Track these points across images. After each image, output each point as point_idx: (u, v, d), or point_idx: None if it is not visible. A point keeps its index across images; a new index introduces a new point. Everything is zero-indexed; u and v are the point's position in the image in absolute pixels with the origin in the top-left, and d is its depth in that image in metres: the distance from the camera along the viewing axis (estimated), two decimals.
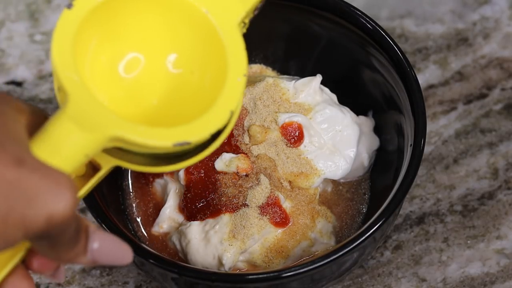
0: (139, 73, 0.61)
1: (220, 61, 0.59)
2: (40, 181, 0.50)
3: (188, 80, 0.61)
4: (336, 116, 0.75)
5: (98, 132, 0.55)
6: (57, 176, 0.51)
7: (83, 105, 0.56)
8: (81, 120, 0.55)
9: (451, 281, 0.79)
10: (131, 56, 0.61)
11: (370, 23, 0.73)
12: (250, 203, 0.72)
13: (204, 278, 0.66)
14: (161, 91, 0.61)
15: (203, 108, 0.58)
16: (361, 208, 0.77)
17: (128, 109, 0.60)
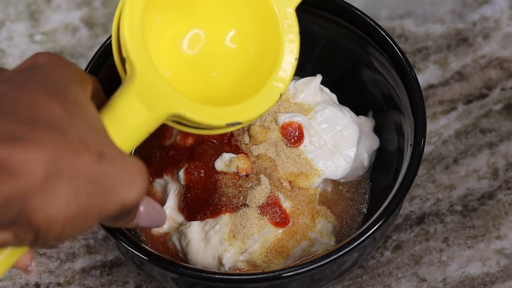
0: (200, 48, 0.62)
1: (275, 42, 0.61)
2: (117, 173, 0.53)
3: (243, 56, 0.62)
4: (336, 116, 0.75)
5: (162, 110, 0.57)
6: (132, 165, 0.53)
7: (149, 81, 0.57)
8: (146, 97, 0.56)
9: (451, 281, 0.79)
10: (193, 32, 0.62)
11: (370, 23, 0.73)
12: (250, 203, 0.72)
13: (204, 278, 0.66)
14: (218, 66, 0.62)
15: (255, 86, 0.60)
16: (361, 208, 0.77)
17: (188, 84, 0.61)
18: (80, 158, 0.51)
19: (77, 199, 0.51)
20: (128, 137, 0.57)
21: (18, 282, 0.81)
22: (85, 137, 0.52)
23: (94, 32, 0.93)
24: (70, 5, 0.95)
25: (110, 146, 0.53)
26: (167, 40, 0.61)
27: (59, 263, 0.81)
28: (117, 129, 0.56)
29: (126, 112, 0.57)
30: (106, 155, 0.52)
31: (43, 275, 0.81)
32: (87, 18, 0.94)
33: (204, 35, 0.62)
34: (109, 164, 0.52)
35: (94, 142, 0.52)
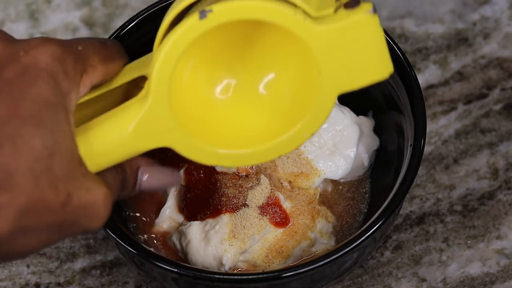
0: (231, 94, 0.62)
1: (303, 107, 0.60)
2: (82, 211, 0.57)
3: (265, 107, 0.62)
4: (336, 116, 0.75)
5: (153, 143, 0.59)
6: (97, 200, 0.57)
7: (156, 111, 0.58)
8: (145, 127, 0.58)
9: (451, 281, 0.79)
10: (225, 82, 0.62)
11: None
12: (250, 203, 0.72)
13: (204, 278, 0.65)
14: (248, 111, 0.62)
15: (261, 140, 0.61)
16: (362, 207, 0.77)
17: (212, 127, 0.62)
18: (48, 205, 0.55)
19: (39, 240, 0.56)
20: (105, 159, 0.59)
21: (18, 282, 0.81)
22: (55, 181, 0.55)
23: (94, 32, 0.93)
24: (70, 5, 0.95)
25: (77, 184, 0.56)
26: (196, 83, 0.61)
27: (59, 263, 0.81)
28: (99, 149, 0.58)
29: (113, 139, 0.59)
30: (73, 196, 0.56)
31: (43, 275, 0.81)
32: (87, 18, 0.94)
33: (237, 82, 0.62)
34: (75, 203, 0.56)
35: (63, 184, 0.55)
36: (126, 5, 0.95)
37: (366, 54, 0.58)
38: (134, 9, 0.94)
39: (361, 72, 0.59)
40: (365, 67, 0.59)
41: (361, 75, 0.59)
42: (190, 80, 0.61)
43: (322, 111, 0.60)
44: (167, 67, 0.57)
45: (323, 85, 0.59)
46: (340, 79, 0.59)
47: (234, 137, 0.62)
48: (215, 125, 0.62)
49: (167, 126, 0.59)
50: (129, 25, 0.74)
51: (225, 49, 0.61)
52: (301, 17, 0.56)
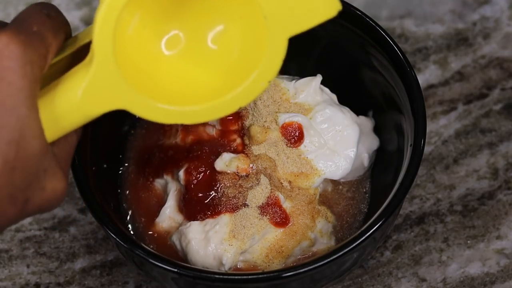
0: (180, 49, 0.61)
1: (255, 56, 0.60)
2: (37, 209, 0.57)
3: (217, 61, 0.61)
4: (336, 116, 0.75)
5: (106, 106, 0.58)
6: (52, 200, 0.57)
7: (104, 72, 0.57)
8: (95, 88, 0.57)
9: (451, 281, 0.79)
10: (172, 34, 0.61)
11: (370, 23, 0.73)
12: (250, 203, 0.72)
13: (204, 278, 0.66)
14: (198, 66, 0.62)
15: (217, 93, 0.60)
16: (362, 207, 0.77)
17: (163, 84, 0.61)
18: (5, 216, 0.55)
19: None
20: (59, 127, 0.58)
21: (18, 282, 0.81)
22: (15, 193, 0.54)
23: None
24: (70, 5, 0.95)
25: (36, 186, 0.56)
26: (144, 38, 0.61)
27: (59, 263, 0.81)
28: (51, 119, 0.57)
29: (64, 106, 0.58)
30: (29, 200, 0.56)
31: (43, 275, 0.81)
32: (87, 18, 0.94)
33: (184, 36, 0.62)
34: (31, 206, 0.56)
35: (21, 193, 0.55)
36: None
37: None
38: None
39: (307, 12, 0.58)
40: (310, 5, 0.58)
41: (308, 15, 0.58)
42: (137, 36, 0.60)
43: (275, 57, 0.59)
44: (106, 28, 0.56)
45: (271, 30, 0.58)
46: (287, 21, 0.58)
47: (189, 94, 0.61)
48: (168, 82, 0.61)
49: (116, 87, 0.58)
50: None
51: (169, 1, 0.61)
52: None
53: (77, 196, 0.84)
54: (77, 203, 0.84)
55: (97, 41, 0.57)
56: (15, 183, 0.54)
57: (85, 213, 0.84)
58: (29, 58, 0.54)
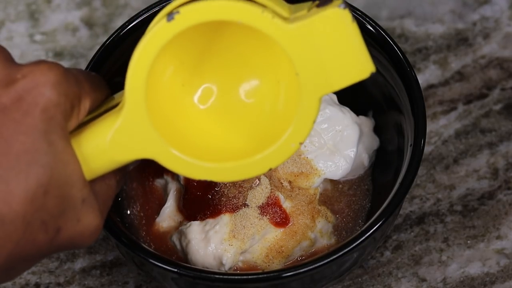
0: (212, 102, 0.62)
1: (287, 115, 0.59)
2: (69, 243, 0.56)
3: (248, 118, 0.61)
4: (336, 116, 0.75)
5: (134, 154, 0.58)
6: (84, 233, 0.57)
7: (133, 119, 0.57)
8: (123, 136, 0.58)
9: (451, 281, 0.79)
10: (205, 86, 0.61)
11: (370, 23, 0.73)
12: (250, 203, 0.72)
13: (204, 278, 0.66)
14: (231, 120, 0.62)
15: (247, 153, 0.59)
16: (364, 203, 0.77)
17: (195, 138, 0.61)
18: (36, 244, 0.54)
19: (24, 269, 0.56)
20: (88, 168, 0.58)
21: (18, 282, 0.81)
22: (47, 219, 0.54)
23: (94, 32, 0.93)
24: (70, 5, 0.95)
25: (70, 216, 0.55)
26: (177, 90, 0.61)
27: (59, 263, 0.81)
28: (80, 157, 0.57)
29: (94, 145, 0.58)
30: (62, 229, 0.55)
31: (43, 275, 0.81)
32: (87, 18, 0.94)
33: (217, 89, 0.62)
34: (63, 236, 0.55)
35: (54, 220, 0.54)
36: (126, 5, 0.95)
37: (342, 52, 0.57)
38: (134, 9, 0.94)
39: (340, 71, 0.57)
40: (343, 66, 0.57)
41: (341, 75, 0.58)
42: (169, 87, 0.60)
43: (307, 117, 0.58)
44: (139, 75, 0.56)
45: (303, 88, 0.57)
46: (319, 80, 0.57)
47: (219, 150, 0.61)
48: (198, 136, 0.61)
49: (146, 135, 0.58)
50: (129, 25, 0.74)
51: (204, 55, 0.61)
52: (269, 15, 0.55)
53: None
54: None
55: (129, 86, 0.57)
56: (48, 208, 0.53)
57: None
58: (64, 90, 0.55)
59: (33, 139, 0.53)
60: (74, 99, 0.56)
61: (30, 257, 0.54)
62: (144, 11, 0.74)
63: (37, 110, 0.53)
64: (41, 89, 0.54)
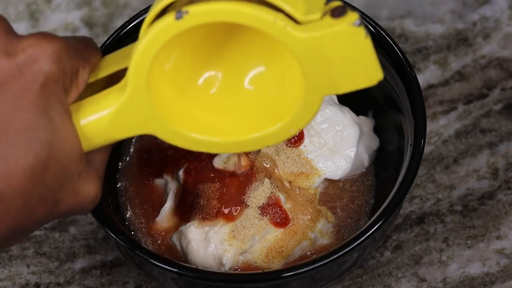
0: (217, 88, 0.62)
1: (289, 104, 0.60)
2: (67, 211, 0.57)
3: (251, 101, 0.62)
4: (336, 116, 0.75)
5: (133, 132, 0.59)
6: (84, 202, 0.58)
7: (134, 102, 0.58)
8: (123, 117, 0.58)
9: (451, 281, 0.79)
10: (210, 73, 0.62)
11: (370, 23, 0.73)
12: (250, 203, 0.72)
13: (204, 278, 0.66)
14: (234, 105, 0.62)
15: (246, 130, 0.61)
16: (367, 198, 0.77)
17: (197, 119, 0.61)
18: (35, 217, 0.55)
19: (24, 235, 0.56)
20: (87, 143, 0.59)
21: (18, 282, 0.81)
22: (46, 193, 0.54)
23: (94, 32, 0.93)
24: (70, 5, 0.95)
25: (68, 189, 0.56)
26: (180, 75, 0.61)
27: (59, 263, 0.81)
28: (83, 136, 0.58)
29: (93, 122, 0.59)
30: (60, 201, 0.56)
31: (43, 275, 0.81)
32: (87, 18, 0.94)
33: (222, 75, 0.62)
34: (61, 208, 0.56)
35: (52, 194, 0.55)
36: (126, 5, 0.95)
37: (351, 62, 0.57)
38: (134, 9, 0.94)
39: (348, 78, 0.58)
40: (352, 73, 0.58)
41: (348, 80, 0.58)
42: (174, 72, 0.60)
43: (308, 110, 0.59)
44: (143, 64, 0.57)
45: (309, 86, 0.58)
46: (326, 83, 0.58)
47: (218, 126, 0.61)
48: (199, 114, 0.62)
49: (146, 115, 0.59)
50: (129, 25, 0.74)
51: (210, 42, 0.61)
52: (281, 23, 0.55)
53: None
54: None
55: (132, 74, 0.57)
56: (46, 183, 0.54)
57: None
58: (64, 65, 0.55)
59: (32, 116, 0.53)
60: (74, 72, 0.56)
61: (29, 228, 0.55)
62: (144, 11, 0.74)
63: (36, 86, 0.54)
64: (41, 64, 0.54)
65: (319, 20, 0.56)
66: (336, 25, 0.56)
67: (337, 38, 0.56)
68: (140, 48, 0.57)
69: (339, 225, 0.75)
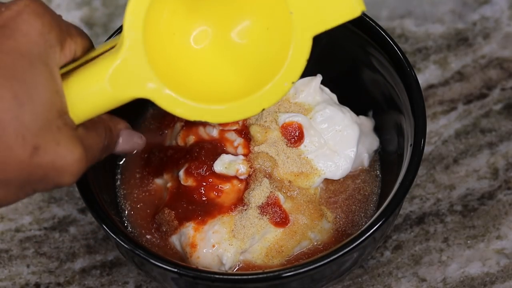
0: (207, 43, 0.63)
1: (280, 55, 0.61)
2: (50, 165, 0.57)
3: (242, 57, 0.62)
4: (336, 116, 0.75)
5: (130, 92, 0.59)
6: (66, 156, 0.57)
7: (132, 59, 0.59)
8: (121, 75, 0.59)
9: (451, 281, 0.79)
10: (200, 29, 0.63)
11: (370, 23, 0.73)
12: (250, 203, 0.72)
13: (204, 278, 0.66)
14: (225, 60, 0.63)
15: (241, 93, 0.61)
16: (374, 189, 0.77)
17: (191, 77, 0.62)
18: (13, 156, 0.55)
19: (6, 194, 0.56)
20: (85, 108, 0.59)
21: (18, 282, 0.81)
22: (23, 132, 0.55)
23: (94, 32, 0.93)
24: (70, 5, 0.95)
25: (48, 137, 0.56)
26: (173, 31, 0.61)
27: (59, 263, 0.81)
28: (77, 98, 0.59)
29: (91, 87, 0.59)
30: (41, 148, 0.56)
31: (43, 275, 0.81)
32: (87, 18, 0.94)
33: (212, 30, 0.63)
34: (43, 156, 0.56)
35: (31, 136, 0.55)
36: (126, 5, 0.95)
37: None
38: None
39: (332, 10, 0.59)
40: (336, 5, 0.59)
41: (333, 13, 0.60)
42: (166, 29, 0.61)
43: (299, 57, 0.60)
44: (137, 16, 0.58)
45: (296, 26, 0.59)
46: (312, 18, 0.59)
47: (214, 92, 0.62)
48: (194, 78, 0.62)
49: (144, 75, 0.59)
50: None
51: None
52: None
53: (77, 196, 0.84)
54: (77, 203, 0.84)
55: (127, 25, 0.58)
56: (23, 121, 0.55)
57: (85, 213, 0.84)
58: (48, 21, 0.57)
59: (13, 59, 0.55)
60: (59, 33, 0.58)
61: (9, 174, 0.56)
62: None
63: (19, 34, 0.56)
64: (24, 16, 0.56)
65: None
66: None
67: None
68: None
69: (339, 225, 0.75)
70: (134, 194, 0.78)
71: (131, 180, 0.78)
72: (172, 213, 0.73)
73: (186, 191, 0.73)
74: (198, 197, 0.73)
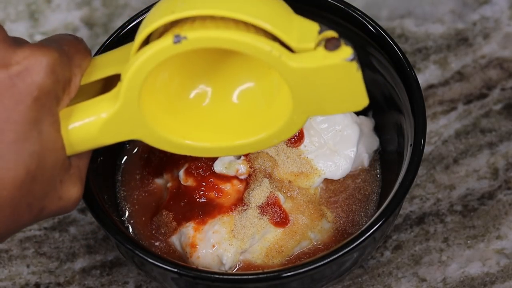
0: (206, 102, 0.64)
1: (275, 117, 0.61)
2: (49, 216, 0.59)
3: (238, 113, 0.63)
4: (336, 116, 0.75)
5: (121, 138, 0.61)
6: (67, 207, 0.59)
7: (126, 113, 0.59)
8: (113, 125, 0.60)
9: (451, 281, 0.79)
10: (200, 89, 0.63)
11: (370, 23, 0.73)
12: (250, 203, 0.72)
13: (204, 278, 0.66)
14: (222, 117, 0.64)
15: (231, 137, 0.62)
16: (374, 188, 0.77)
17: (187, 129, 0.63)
18: (21, 223, 0.56)
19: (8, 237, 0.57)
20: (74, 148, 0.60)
21: (18, 282, 0.81)
22: (33, 201, 0.56)
23: (94, 32, 0.93)
24: (70, 5, 0.95)
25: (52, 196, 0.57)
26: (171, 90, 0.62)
27: (59, 263, 0.81)
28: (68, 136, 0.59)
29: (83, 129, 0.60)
30: (46, 209, 0.57)
31: (43, 275, 0.81)
32: (87, 18, 0.94)
33: (212, 90, 0.64)
34: (47, 213, 0.58)
35: (39, 202, 0.56)
36: (126, 5, 0.95)
37: (340, 90, 0.59)
38: (134, 9, 0.94)
39: (335, 103, 0.60)
40: (339, 100, 0.59)
41: (335, 106, 0.60)
42: (165, 86, 0.62)
43: (292, 127, 0.61)
44: (136, 80, 0.58)
45: (296, 107, 0.59)
46: (313, 106, 0.59)
47: (204, 133, 0.63)
48: (188, 123, 0.63)
49: (135, 123, 0.60)
50: (129, 25, 0.74)
51: (201, 59, 0.62)
52: (276, 54, 0.57)
53: None
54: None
55: (125, 88, 0.58)
56: (34, 193, 0.55)
57: (85, 213, 0.84)
58: (57, 77, 0.56)
59: (24, 129, 0.54)
60: (66, 81, 0.58)
61: (13, 232, 0.57)
62: (144, 11, 0.74)
63: (29, 99, 0.55)
64: (34, 77, 0.55)
65: (312, 50, 0.57)
66: (330, 58, 0.57)
67: (330, 71, 0.57)
68: (136, 66, 0.58)
69: (339, 225, 0.75)
70: (134, 195, 0.78)
71: (131, 180, 0.78)
72: (170, 214, 0.73)
73: (186, 191, 0.73)
74: (198, 197, 0.73)
